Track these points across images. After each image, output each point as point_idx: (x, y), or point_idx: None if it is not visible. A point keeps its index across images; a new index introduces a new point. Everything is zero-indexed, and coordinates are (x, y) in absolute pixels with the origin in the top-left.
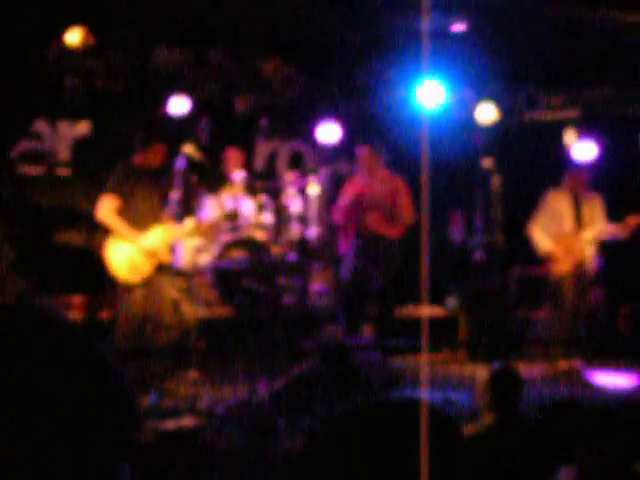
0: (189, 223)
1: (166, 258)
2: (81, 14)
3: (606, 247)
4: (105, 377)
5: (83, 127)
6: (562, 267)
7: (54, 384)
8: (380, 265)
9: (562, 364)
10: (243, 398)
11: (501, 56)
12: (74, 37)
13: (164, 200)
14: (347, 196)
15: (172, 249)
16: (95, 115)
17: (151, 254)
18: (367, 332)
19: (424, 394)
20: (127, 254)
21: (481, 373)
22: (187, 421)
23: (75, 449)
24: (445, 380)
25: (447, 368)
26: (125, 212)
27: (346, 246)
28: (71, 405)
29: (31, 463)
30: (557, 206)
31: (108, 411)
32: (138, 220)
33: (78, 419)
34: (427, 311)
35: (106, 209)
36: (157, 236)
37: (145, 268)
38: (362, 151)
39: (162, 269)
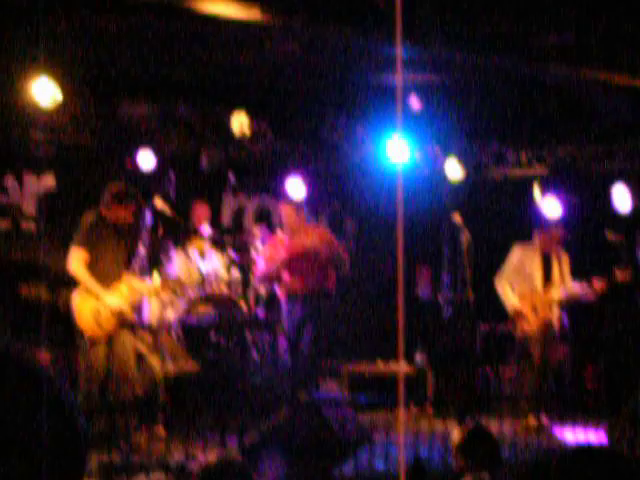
0: (155, 280)
1: (130, 315)
2: (47, 69)
3: (572, 306)
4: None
5: (48, 180)
6: (529, 325)
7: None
8: (315, 321)
9: (530, 421)
10: (215, 454)
11: (468, 114)
12: (42, 94)
13: (131, 253)
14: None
15: (139, 304)
16: (61, 168)
17: (116, 311)
18: (332, 387)
19: (399, 452)
20: (93, 308)
21: (455, 434)
22: (157, 477)
23: None
24: (414, 437)
25: (415, 424)
26: (91, 265)
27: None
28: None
29: None
30: (526, 262)
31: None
32: (104, 273)
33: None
34: (396, 367)
35: (76, 261)
36: (122, 294)
37: (109, 323)
38: (286, 208)
39: (126, 325)
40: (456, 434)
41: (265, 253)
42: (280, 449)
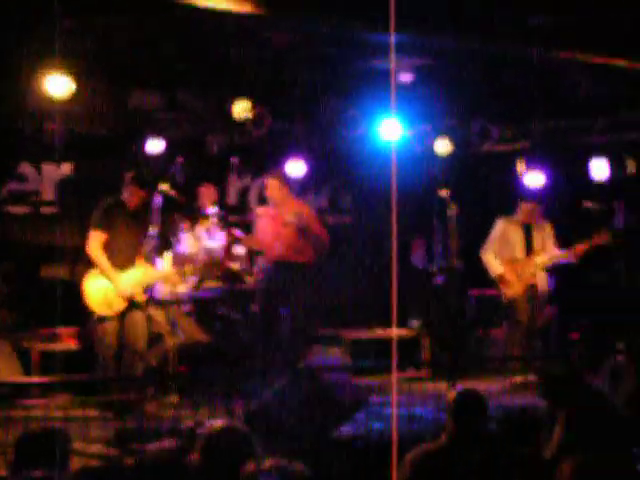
0: (166, 260)
1: (140, 298)
2: (60, 63)
3: (556, 270)
4: None
5: (66, 169)
6: (513, 290)
7: None
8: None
9: (518, 378)
10: (221, 421)
11: (454, 94)
12: (56, 86)
13: (144, 236)
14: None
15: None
16: (77, 157)
17: (126, 295)
18: (335, 353)
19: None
20: (103, 289)
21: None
22: (168, 443)
23: None
24: (410, 397)
25: (411, 386)
26: (108, 248)
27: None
28: None
29: None
30: (509, 234)
31: None
32: (120, 257)
33: None
34: (394, 332)
35: (95, 244)
36: (134, 278)
37: (118, 305)
38: (270, 182)
39: (136, 304)
40: (451, 395)
41: (260, 224)
42: (280, 414)
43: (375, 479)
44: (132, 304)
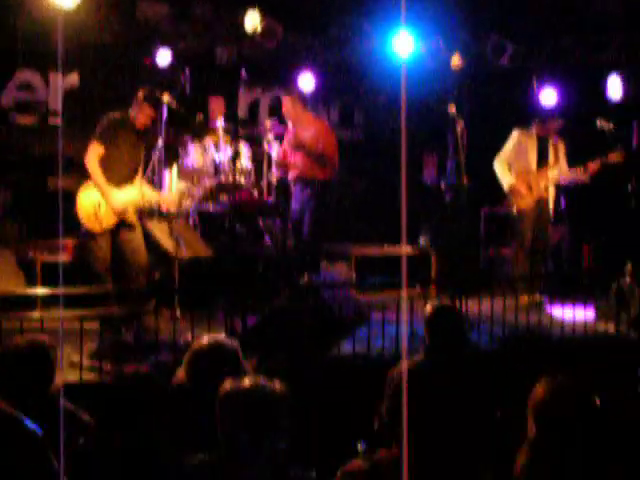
0: (173, 172)
1: (131, 218)
2: None
3: (569, 189)
4: None
5: (73, 78)
6: (524, 202)
7: None
8: (314, 207)
9: (524, 299)
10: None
11: (469, 7)
12: None
13: (147, 155)
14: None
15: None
16: (84, 67)
17: (117, 211)
18: (340, 269)
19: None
20: (95, 203)
21: (427, 309)
22: (165, 357)
23: None
24: (413, 315)
25: (418, 304)
26: (107, 163)
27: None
28: None
29: None
30: (524, 145)
31: None
32: (118, 173)
33: None
34: (402, 250)
35: (92, 157)
36: (129, 197)
37: (107, 221)
38: (285, 100)
39: (126, 224)
40: (428, 309)
41: (283, 142)
42: (279, 331)
43: (374, 396)
44: (122, 223)
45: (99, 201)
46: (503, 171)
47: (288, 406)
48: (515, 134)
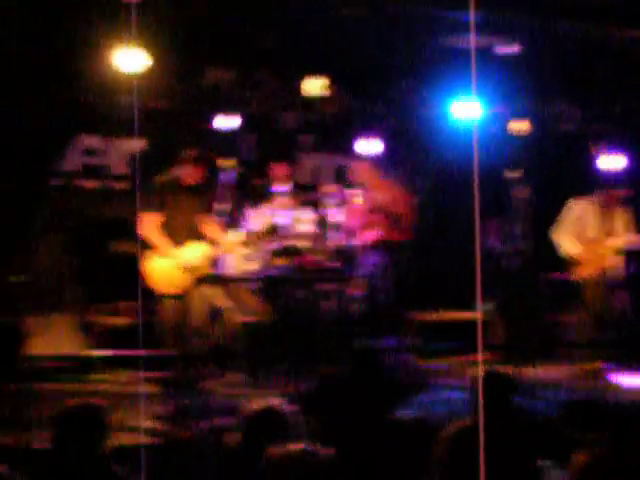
0: (234, 236)
1: (205, 271)
2: (133, 38)
3: (633, 255)
4: None
5: (137, 143)
6: (586, 270)
7: None
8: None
9: (587, 366)
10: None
11: (533, 74)
12: (129, 60)
13: (208, 212)
14: (355, 212)
15: (217, 259)
16: (148, 132)
17: (190, 269)
18: (401, 335)
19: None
20: (166, 268)
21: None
22: (224, 421)
23: None
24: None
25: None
26: (166, 225)
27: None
28: None
29: None
30: (583, 216)
31: None
32: (178, 232)
33: None
34: (467, 315)
35: (147, 226)
36: (198, 251)
37: (182, 282)
38: (360, 166)
39: (200, 280)
40: (473, 373)
41: (349, 208)
42: (336, 396)
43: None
44: (197, 279)
45: (170, 264)
46: (563, 241)
47: (333, 472)
48: (572, 205)
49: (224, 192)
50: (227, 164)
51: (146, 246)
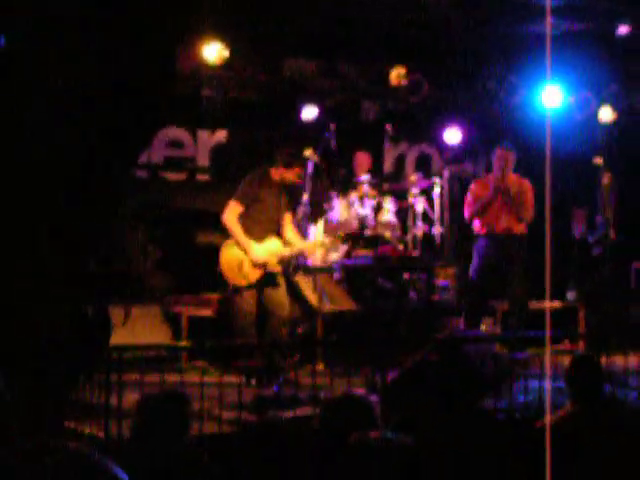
0: (319, 229)
1: (275, 268)
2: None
3: None
4: None
5: (220, 135)
6: None
7: None
8: (510, 262)
9: None
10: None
11: (618, 58)
12: (210, 52)
13: (290, 208)
14: (477, 195)
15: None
16: (231, 124)
17: (258, 265)
18: (486, 325)
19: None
20: (239, 259)
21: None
22: (305, 411)
23: None
24: (562, 371)
25: (564, 359)
26: (248, 218)
27: (475, 244)
28: None
29: None
30: None
31: None
32: (257, 227)
33: None
34: (549, 304)
35: (230, 214)
36: (270, 248)
37: (252, 275)
38: (501, 152)
39: (271, 275)
40: (568, 361)
41: (473, 192)
42: (420, 385)
43: (517, 453)
44: (267, 277)
45: (242, 256)
46: None
47: (415, 461)
48: None
49: (307, 182)
50: (308, 154)
51: (226, 235)
